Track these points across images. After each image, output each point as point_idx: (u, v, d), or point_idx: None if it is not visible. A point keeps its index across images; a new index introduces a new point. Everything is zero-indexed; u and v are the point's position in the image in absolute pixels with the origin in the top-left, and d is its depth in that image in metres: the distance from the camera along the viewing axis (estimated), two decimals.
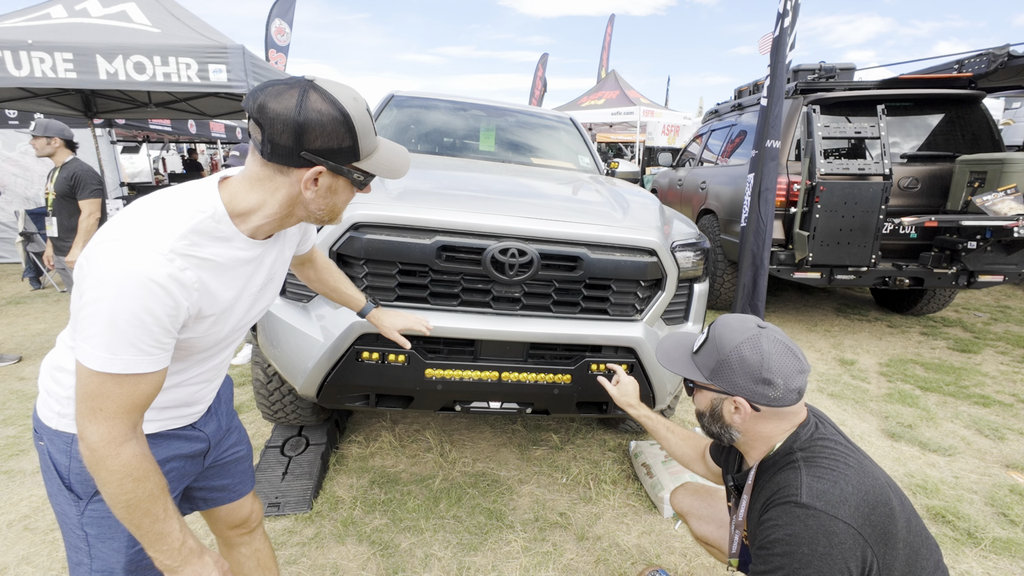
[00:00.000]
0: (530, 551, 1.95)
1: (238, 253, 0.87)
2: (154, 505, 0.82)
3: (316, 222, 0.94)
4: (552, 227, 1.72)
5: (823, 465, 0.96)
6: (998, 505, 2.23)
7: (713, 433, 1.10)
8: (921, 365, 3.80)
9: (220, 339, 0.95)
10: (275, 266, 1.01)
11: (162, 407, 0.97)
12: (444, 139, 3.25)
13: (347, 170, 0.85)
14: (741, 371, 1.02)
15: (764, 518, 0.97)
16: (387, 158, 0.91)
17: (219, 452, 1.17)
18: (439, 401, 1.85)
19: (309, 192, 0.85)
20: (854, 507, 0.90)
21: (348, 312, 1.69)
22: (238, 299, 0.92)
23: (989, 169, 3.48)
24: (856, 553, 0.88)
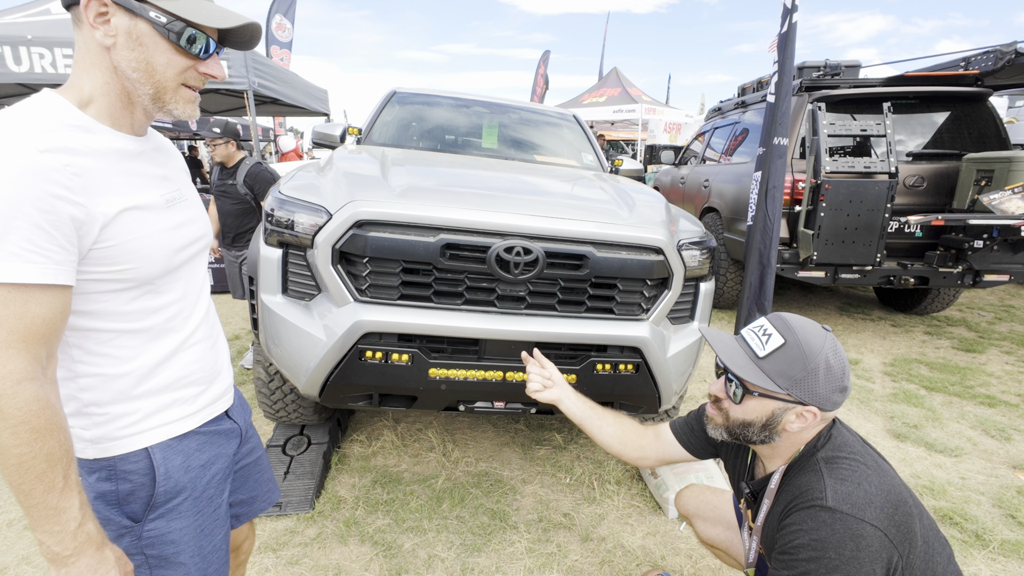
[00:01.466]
0: (534, 552, 1.93)
1: (109, 143, 0.79)
2: (52, 470, 0.70)
3: (145, 95, 0.81)
4: (557, 225, 1.70)
5: (844, 467, 0.94)
6: (1006, 507, 2.21)
7: (747, 439, 1.03)
8: (926, 365, 3.78)
9: (163, 260, 0.85)
10: (178, 179, 0.95)
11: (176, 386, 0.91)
12: (447, 136, 3.22)
13: (140, 7, 0.75)
14: (827, 381, 0.95)
15: (787, 522, 0.94)
16: (202, 5, 0.81)
17: (243, 452, 1.11)
18: (443, 401, 1.83)
19: (103, 36, 0.76)
20: (879, 508, 0.88)
21: (351, 310, 1.67)
22: (152, 203, 0.84)
23: (996, 167, 3.46)
24: (883, 555, 0.86)
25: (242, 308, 4.95)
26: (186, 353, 0.93)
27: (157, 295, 0.87)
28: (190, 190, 0.98)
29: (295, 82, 5.67)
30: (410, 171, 2.02)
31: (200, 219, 0.98)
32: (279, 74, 5.08)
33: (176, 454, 0.91)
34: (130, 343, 0.85)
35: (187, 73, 0.83)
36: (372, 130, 3.12)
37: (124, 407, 0.85)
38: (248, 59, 4.19)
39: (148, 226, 0.82)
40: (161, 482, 0.88)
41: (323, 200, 1.75)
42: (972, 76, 3.92)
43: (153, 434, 0.89)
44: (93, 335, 0.81)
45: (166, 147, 0.98)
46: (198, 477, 0.94)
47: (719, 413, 1.07)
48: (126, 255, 0.79)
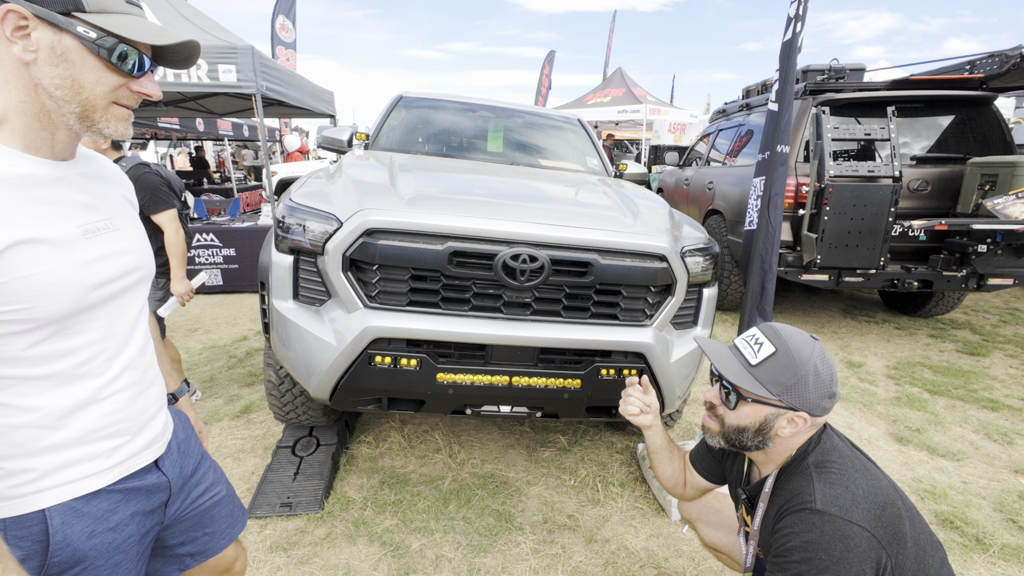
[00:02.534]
0: (539, 553, 1.97)
1: (15, 168, 0.72)
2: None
3: (70, 114, 0.75)
4: (563, 233, 1.73)
5: (833, 471, 0.98)
6: (1007, 511, 2.23)
7: (742, 445, 1.08)
8: (929, 368, 3.79)
9: (71, 298, 0.76)
10: (109, 207, 0.87)
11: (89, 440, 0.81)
12: (453, 140, 3.26)
13: (66, 21, 0.69)
14: (815, 387, 1.00)
15: (779, 526, 0.98)
16: (136, 21, 0.76)
17: (191, 499, 1.02)
18: (450, 405, 1.87)
19: (23, 51, 0.69)
20: (866, 510, 0.92)
21: (361, 316, 1.71)
22: (62, 236, 0.75)
23: (1000, 172, 3.46)
24: (871, 555, 0.90)
25: (250, 308, 5.01)
26: (104, 403, 0.83)
27: (68, 337, 0.77)
28: (125, 220, 0.90)
29: (301, 84, 5.72)
30: (418, 178, 2.06)
31: (133, 250, 0.89)
32: (286, 77, 5.13)
33: (79, 518, 0.79)
34: (30, 390, 0.75)
35: (119, 91, 0.77)
36: (379, 135, 3.16)
37: (21, 463, 0.75)
38: (256, 63, 4.24)
39: (51, 261, 0.73)
40: (55, 551, 0.77)
41: (333, 208, 1.79)
42: (977, 80, 3.92)
43: (54, 493, 0.77)
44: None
45: (102, 174, 0.90)
46: (105, 543, 0.82)
47: (715, 420, 1.11)
48: (20, 293, 0.70)
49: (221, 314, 4.84)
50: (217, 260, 5.42)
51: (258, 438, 2.71)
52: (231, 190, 11.08)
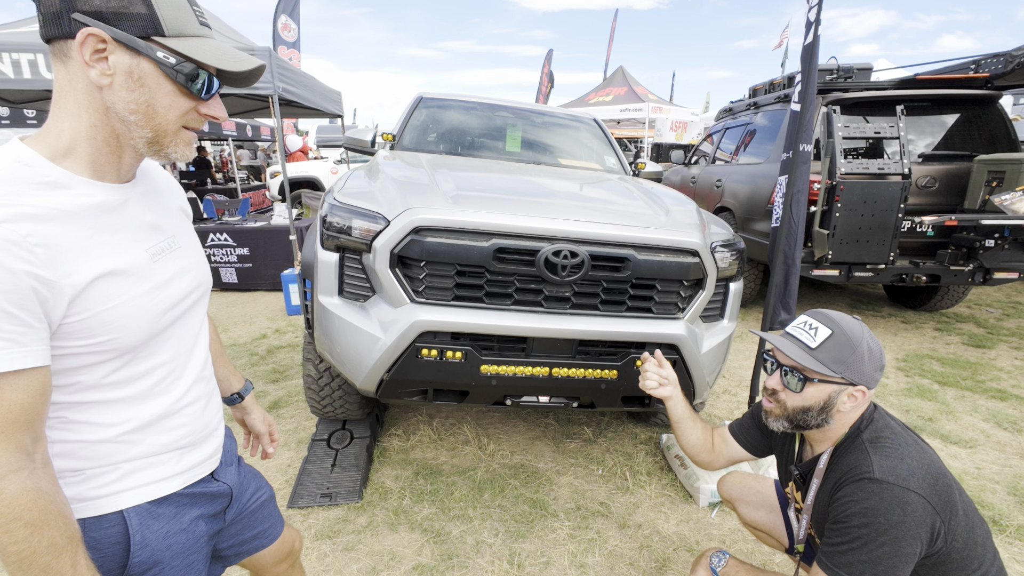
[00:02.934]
0: (576, 538, 2.04)
1: (86, 199, 0.71)
2: (57, 560, 0.65)
3: (141, 138, 0.74)
4: (602, 230, 1.80)
5: (887, 444, 1.06)
6: (1020, 494, 2.32)
7: (806, 424, 1.15)
8: (937, 360, 3.89)
9: (147, 325, 0.78)
10: (171, 224, 0.87)
11: (163, 450, 0.85)
12: (475, 140, 3.33)
13: (146, 46, 0.69)
14: (870, 361, 1.09)
15: (837, 496, 1.06)
16: (213, 45, 0.76)
17: (243, 503, 1.07)
18: (493, 396, 1.94)
19: (99, 76, 0.68)
20: (921, 479, 1.00)
21: (408, 310, 1.77)
22: (135, 263, 0.76)
23: (1007, 168, 3.55)
24: (927, 520, 0.97)
25: (265, 307, 5.07)
26: (176, 417, 0.86)
27: (142, 361, 0.80)
28: (185, 235, 0.91)
29: (313, 85, 5.77)
30: (455, 177, 2.12)
31: (196, 266, 0.91)
32: (299, 78, 5.17)
33: (155, 519, 0.83)
34: (110, 411, 0.78)
35: (189, 115, 0.77)
36: (403, 136, 3.22)
37: (101, 470, 0.78)
38: (274, 65, 4.28)
39: (127, 291, 0.74)
40: (136, 551, 0.80)
41: (379, 207, 1.85)
42: (982, 79, 4.02)
43: (130, 495, 0.80)
44: (72, 407, 0.74)
45: (159, 187, 0.90)
46: (179, 543, 0.86)
47: (777, 405, 1.18)
48: (102, 326, 0.71)
49: (237, 313, 4.89)
50: (231, 259, 5.47)
51: (290, 432, 2.77)
52: (235, 190, 11.11)
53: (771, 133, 4.75)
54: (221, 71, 0.78)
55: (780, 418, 1.18)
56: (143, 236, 0.80)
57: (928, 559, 1.02)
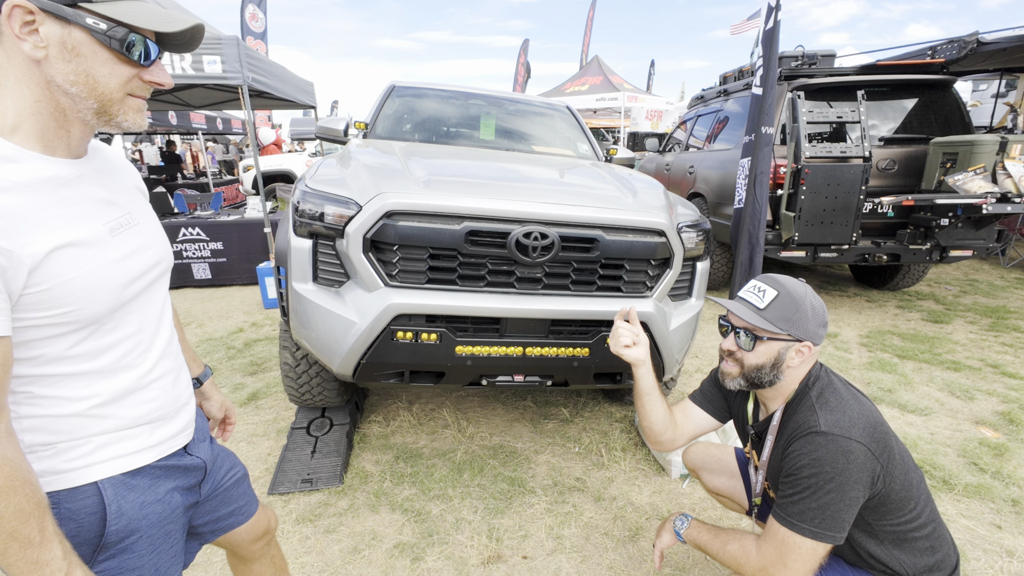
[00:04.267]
0: (553, 512, 2.11)
1: (37, 173, 0.71)
2: (24, 525, 0.66)
3: (87, 110, 0.74)
4: (571, 211, 1.85)
5: (831, 401, 1.15)
6: (969, 456, 2.46)
7: (760, 381, 1.22)
8: (898, 335, 4.06)
9: (109, 297, 0.78)
10: (127, 201, 0.88)
11: (133, 424, 0.86)
12: (448, 128, 3.34)
13: (73, 13, 0.68)
14: (813, 318, 1.18)
15: (789, 451, 1.14)
16: (144, 7, 0.74)
17: (218, 479, 1.09)
18: (468, 376, 1.98)
19: (33, 48, 0.68)
20: (861, 429, 1.08)
21: (383, 294, 1.80)
22: (93, 236, 0.77)
23: (960, 150, 3.71)
24: (868, 466, 1.06)
25: (241, 301, 5.01)
26: (145, 391, 0.87)
27: (106, 334, 0.80)
28: (143, 212, 0.91)
29: (284, 75, 5.68)
30: (427, 163, 2.14)
31: (156, 242, 0.91)
32: (269, 68, 5.09)
33: (129, 490, 0.84)
34: (77, 384, 0.78)
35: (132, 82, 0.76)
36: (376, 124, 3.21)
37: (72, 444, 0.79)
38: (242, 54, 4.21)
39: (87, 263, 0.74)
40: (112, 520, 0.82)
41: (351, 192, 1.87)
42: (938, 64, 4.17)
43: (103, 467, 0.82)
44: (37, 380, 0.75)
45: (113, 165, 0.89)
46: (155, 512, 0.88)
47: (735, 364, 1.25)
48: (64, 297, 0.72)
49: (212, 308, 4.83)
50: (204, 254, 5.38)
51: (269, 422, 2.78)
52: (206, 185, 10.85)
53: (741, 119, 4.86)
54: (161, 36, 0.77)
55: (736, 377, 1.25)
56: (99, 211, 0.80)
57: (870, 501, 1.11)
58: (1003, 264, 6.28)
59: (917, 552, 1.17)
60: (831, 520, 1.07)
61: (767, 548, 1.13)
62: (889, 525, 1.15)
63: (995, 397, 3.07)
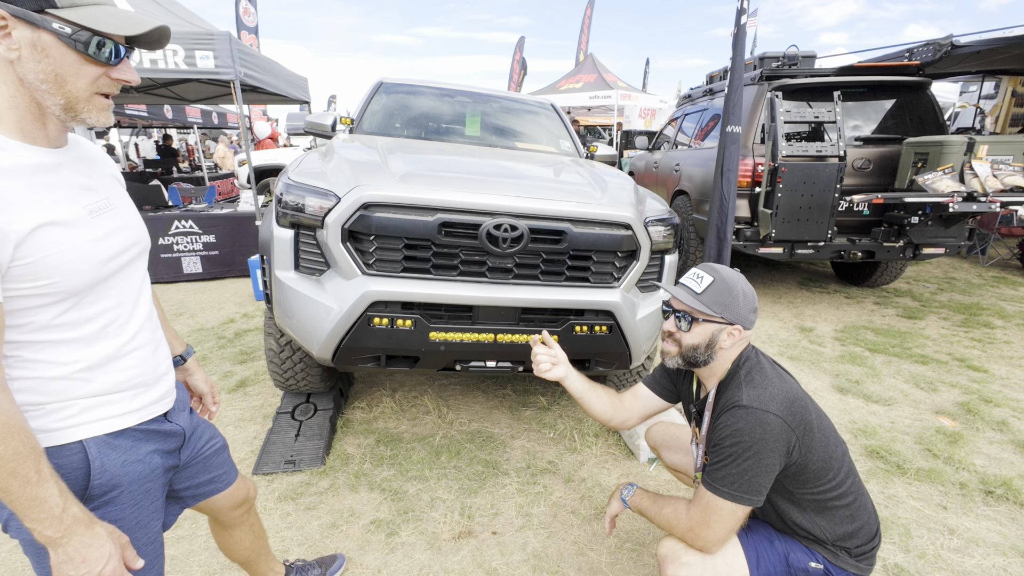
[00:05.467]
0: (524, 492, 2.22)
1: (20, 160, 0.80)
2: (22, 465, 0.75)
3: (55, 106, 0.81)
4: (540, 205, 1.95)
5: (756, 379, 1.25)
6: (925, 443, 2.58)
7: (696, 361, 1.33)
8: (872, 331, 4.18)
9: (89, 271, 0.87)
10: (104, 188, 0.96)
11: (116, 389, 0.94)
12: (432, 124, 3.43)
13: (40, 19, 0.75)
14: (744, 303, 1.28)
15: (717, 424, 1.24)
16: (108, 12, 0.80)
17: (197, 448, 1.18)
18: (442, 361, 2.08)
19: (6, 50, 0.75)
20: (779, 403, 1.19)
21: (360, 282, 1.89)
22: (73, 216, 0.84)
23: (931, 150, 3.83)
24: (783, 436, 1.17)
25: (233, 293, 5.09)
26: (126, 359, 0.96)
27: (88, 305, 0.88)
28: (119, 198, 0.99)
29: (277, 70, 5.74)
30: (406, 158, 2.24)
31: (133, 225, 1.00)
32: (262, 63, 5.16)
33: (112, 449, 0.93)
34: (63, 350, 0.87)
35: (99, 81, 0.82)
36: (362, 120, 3.30)
37: (60, 405, 0.87)
38: (234, 49, 4.28)
39: (68, 240, 0.82)
40: (96, 475, 0.90)
41: (331, 185, 1.96)
42: (914, 66, 4.28)
43: (88, 428, 0.90)
44: (27, 345, 0.83)
45: (91, 156, 0.97)
46: (136, 471, 0.96)
47: (674, 344, 1.35)
48: (48, 270, 0.80)
49: (205, 299, 4.91)
50: (197, 247, 5.45)
51: (256, 408, 2.87)
52: (202, 179, 10.90)
53: None
54: (131, 37, 0.84)
55: (675, 356, 1.36)
56: (78, 195, 0.88)
57: (788, 469, 1.21)
58: (982, 263, 6.41)
59: (836, 520, 1.27)
60: (748, 484, 1.18)
61: (694, 511, 1.24)
62: (810, 493, 1.26)
63: (957, 389, 3.19)
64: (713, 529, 1.22)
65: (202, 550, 1.87)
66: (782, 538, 1.31)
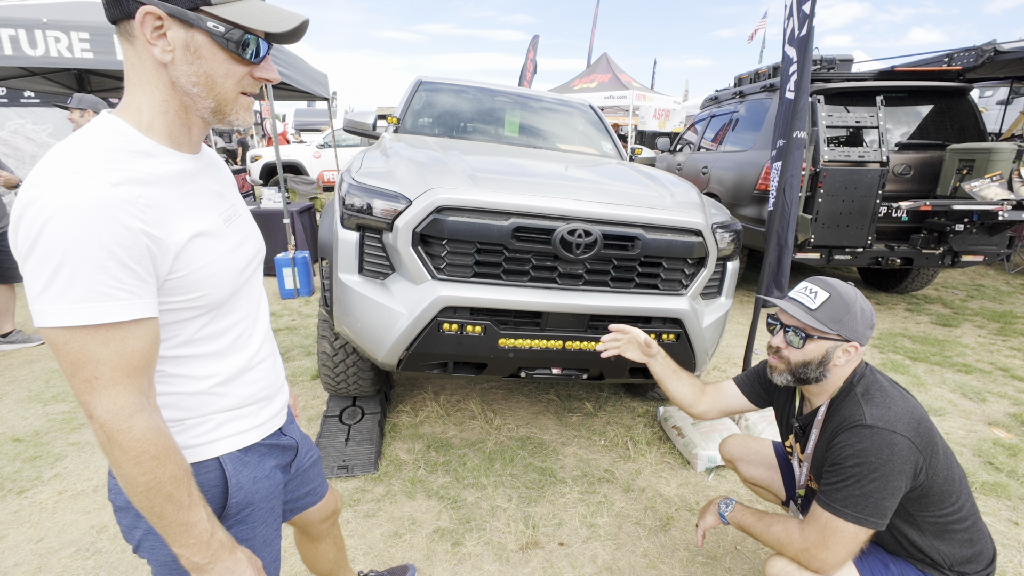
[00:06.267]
0: (584, 502, 2.18)
1: (171, 167, 0.77)
2: (177, 489, 0.74)
3: (206, 109, 0.79)
4: (614, 210, 1.90)
5: (877, 396, 1.21)
6: (984, 456, 2.54)
7: (806, 378, 1.29)
8: (909, 338, 4.14)
9: (230, 283, 0.85)
10: (232, 194, 0.94)
11: (245, 403, 0.92)
12: (477, 124, 3.38)
13: (196, 17, 0.72)
14: (862, 320, 1.24)
15: (835, 442, 1.20)
16: (257, 8, 0.78)
17: (300, 460, 1.15)
18: (509, 368, 2.04)
19: (161, 52, 0.72)
20: (906, 423, 1.14)
21: (430, 286, 1.85)
22: (215, 226, 0.83)
23: (977, 157, 3.78)
24: (911, 458, 1.12)
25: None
26: (254, 371, 0.94)
27: (224, 317, 0.87)
28: (242, 204, 0.97)
29: (301, 66, 5.69)
30: (468, 160, 2.19)
31: (255, 234, 0.97)
32: (289, 59, 5.11)
33: (244, 465, 0.92)
34: (202, 363, 0.86)
35: (244, 81, 0.80)
36: (406, 118, 3.26)
37: (198, 420, 0.87)
38: None
39: (214, 250, 0.81)
40: (233, 492, 0.89)
41: (400, 187, 1.91)
42: (955, 71, 4.23)
43: (224, 444, 0.89)
44: (170, 360, 0.82)
45: (216, 161, 0.96)
46: (265, 487, 0.96)
47: (781, 361, 1.31)
48: (199, 282, 0.79)
49: None
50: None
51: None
52: None
53: (757, 122, 4.91)
54: (269, 33, 0.80)
55: (784, 372, 1.31)
56: (215, 202, 0.86)
57: (913, 492, 1.17)
58: (1008, 270, 6.37)
59: (956, 543, 1.23)
60: (874, 507, 1.13)
61: (810, 531, 1.19)
62: (931, 516, 1.21)
63: (1006, 399, 3.14)
64: (833, 551, 1.17)
65: None
66: (896, 562, 1.27)
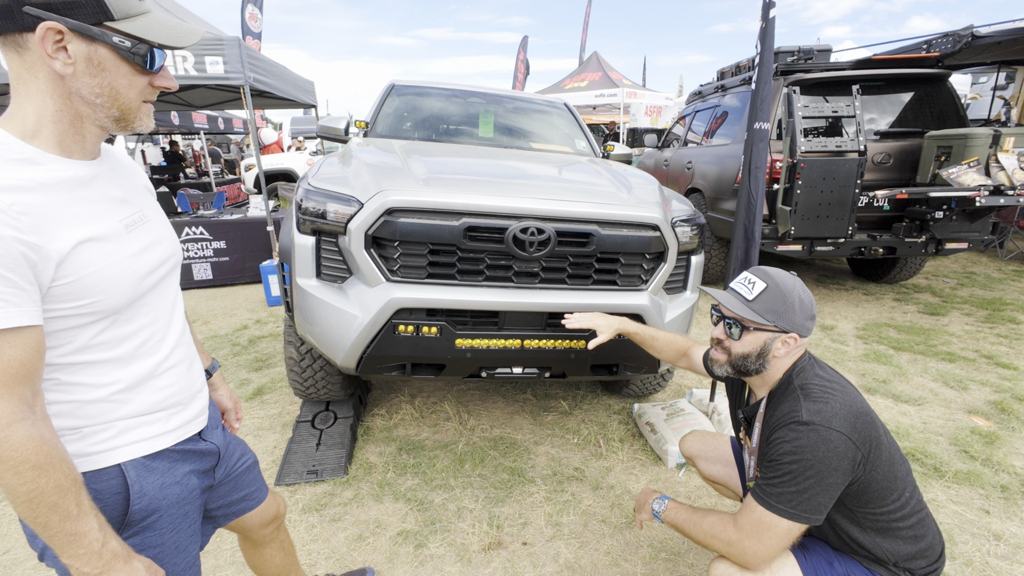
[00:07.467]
0: (552, 500, 2.17)
1: (57, 174, 0.76)
2: (63, 499, 0.72)
3: (107, 118, 0.80)
4: (567, 207, 1.90)
5: (815, 390, 1.18)
6: (960, 444, 2.51)
7: (746, 370, 1.27)
8: (894, 328, 4.11)
9: (128, 288, 0.84)
10: (139, 200, 0.93)
11: (152, 409, 0.91)
12: (447, 126, 3.38)
13: (100, 32, 0.73)
14: (801, 311, 1.21)
15: (773, 438, 1.18)
16: (159, 22, 0.80)
17: (230, 465, 1.15)
18: (468, 368, 2.03)
19: (62, 65, 0.72)
20: (843, 419, 1.12)
21: (384, 289, 1.85)
22: (110, 231, 0.81)
23: (954, 144, 3.75)
24: (848, 454, 1.10)
25: (244, 299, 5.07)
26: (161, 378, 0.93)
27: (125, 323, 0.86)
28: (153, 210, 0.96)
29: (284, 75, 5.72)
30: (427, 161, 2.19)
31: (167, 239, 0.97)
32: (270, 68, 5.13)
33: (150, 472, 0.90)
34: (100, 371, 0.84)
35: (145, 90, 0.82)
36: (376, 122, 3.26)
37: (97, 428, 0.85)
38: (244, 54, 4.25)
39: (107, 257, 0.79)
40: (136, 499, 0.87)
41: (353, 190, 1.92)
42: (933, 58, 4.20)
43: (126, 451, 0.87)
44: (64, 368, 0.80)
45: (124, 165, 0.94)
46: (174, 493, 0.93)
47: (722, 352, 1.30)
48: (88, 289, 0.77)
49: (217, 306, 4.89)
50: (207, 253, 5.43)
51: (274, 416, 2.84)
52: (209, 184, 10.91)
53: (738, 114, 4.90)
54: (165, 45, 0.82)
55: (724, 364, 1.30)
56: (114, 208, 0.85)
57: (851, 487, 1.15)
58: (1001, 257, 6.31)
59: (900, 540, 1.21)
60: (808, 504, 1.12)
61: (743, 522, 1.18)
62: (871, 513, 1.19)
63: (988, 387, 3.11)
64: (765, 544, 1.16)
65: (228, 565, 1.83)
66: (842, 559, 1.25)
